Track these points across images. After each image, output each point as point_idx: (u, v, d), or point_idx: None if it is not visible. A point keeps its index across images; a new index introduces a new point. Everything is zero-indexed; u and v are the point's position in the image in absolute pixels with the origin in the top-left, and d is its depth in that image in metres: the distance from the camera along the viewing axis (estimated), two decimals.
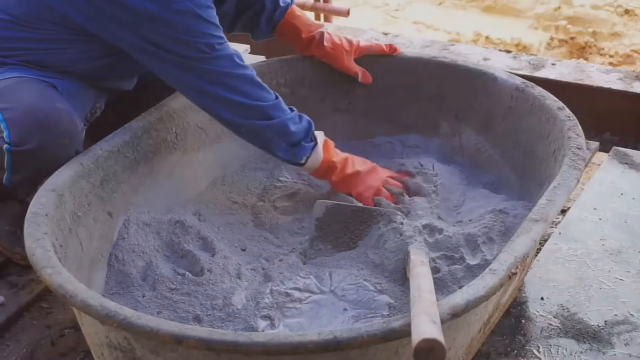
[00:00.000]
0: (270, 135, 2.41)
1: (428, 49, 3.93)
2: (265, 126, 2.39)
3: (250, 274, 2.29)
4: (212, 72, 2.30)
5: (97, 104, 2.52)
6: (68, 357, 2.23)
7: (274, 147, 2.44)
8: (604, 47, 5.68)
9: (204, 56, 2.27)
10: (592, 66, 3.86)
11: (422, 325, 1.57)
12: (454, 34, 6.02)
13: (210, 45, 2.28)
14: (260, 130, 2.40)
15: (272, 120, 2.39)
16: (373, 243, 2.34)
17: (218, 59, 2.30)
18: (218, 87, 2.32)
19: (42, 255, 1.87)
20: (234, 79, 2.34)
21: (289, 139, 2.43)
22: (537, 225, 1.99)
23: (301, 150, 2.46)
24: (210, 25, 2.29)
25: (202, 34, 2.26)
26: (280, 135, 2.42)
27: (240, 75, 2.35)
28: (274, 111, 2.40)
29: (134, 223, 2.38)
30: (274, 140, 2.42)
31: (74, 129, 2.30)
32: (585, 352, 2.19)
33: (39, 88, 2.29)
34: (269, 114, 2.39)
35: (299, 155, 2.46)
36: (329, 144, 2.55)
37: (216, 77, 2.31)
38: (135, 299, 2.19)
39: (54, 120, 2.24)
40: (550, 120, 2.51)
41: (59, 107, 2.27)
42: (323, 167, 2.53)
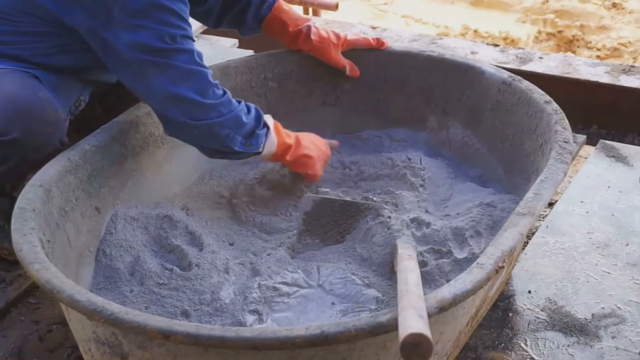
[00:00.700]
0: (225, 131, 2.34)
1: (416, 43, 3.94)
2: (220, 123, 2.32)
3: (238, 269, 2.29)
4: (169, 67, 2.24)
5: (81, 97, 2.51)
6: (56, 353, 2.23)
7: (231, 143, 2.37)
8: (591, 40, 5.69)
9: (163, 46, 2.21)
10: (579, 60, 3.88)
11: (409, 319, 1.57)
12: (443, 28, 6.03)
13: (172, 36, 2.22)
14: (216, 128, 2.33)
15: (225, 116, 2.33)
16: (361, 237, 2.34)
17: (177, 52, 2.24)
18: (174, 86, 2.25)
19: (29, 251, 1.87)
20: (191, 76, 2.27)
21: (244, 130, 2.38)
22: (525, 219, 1.99)
23: (257, 139, 2.42)
24: (176, 17, 2.24)
25: (166, 24, 2.21)
26: (235, 129, 2.36)
27: (197, 72, 2.29)
28: (226, 107, 2.34)
29: (121, 218, 2.38)
30: (230, 136, 2.36)
31: (58, 118, 2.29)
32: (572, 345, 2.20)
33: (21, 78, 2.28)
34: (221, 111, 2.33)
35: (255, 145, 2.42)
36: (279, 126, 2.51)
37: (173, 72, 2.25)
38: (123, 294, 2.19)
39: (37, 109, 2.24)
40: (537, 113, 2.51)
41: (42, 96, 2.26)
42: (279, 151, 2.51)
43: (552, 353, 2.18)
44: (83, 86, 2.51)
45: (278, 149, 2.49)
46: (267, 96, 2.88)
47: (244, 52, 3.49)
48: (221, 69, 2.72)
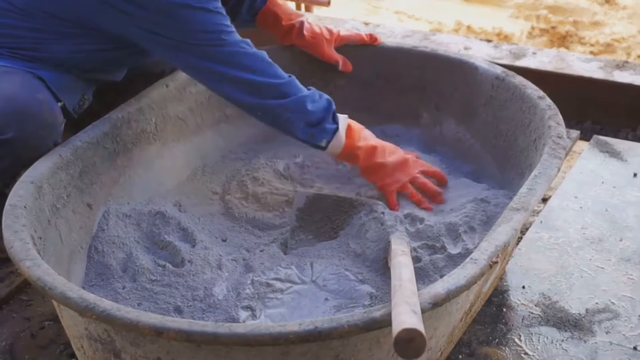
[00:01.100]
0: (287, 114, 2.35)
1: (409, 39, 3.93)
2: (281, 105, 2.33)
3: (231, 265, 2.29)
4: (222, 54, 2.29)
5: (85, 96, 2.51)
6: (48, 350, 2.22)
7: (292, 128, 2.37)
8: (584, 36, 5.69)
9: (214, 43, 2.27)
10: (572, 55, 3.87)
11: (403, 314, 1.57)
12: (436, 24, 6.02)
13: (218, 33, 2.28)
14: (277, 110, 2.34)
15: (288, 99, 2.34)
16: (354, 233, 2.34)
17: (229, 45, 2.29)
18: (230, 68, 2.30)
19: (20, 248, 1.86)
20: (247, 58, 2.31)
21: (307, 117, 2.36)
22: (518, 214, 1.99)
23: (321, 132, 2.39)
24: (217, 15, 2.29)
25: (210, 24, 2.26)
26: (297, 114, 2.35)
27: (252, 54, 2.33)
28: (289, 89, 2.35)
29: (113, 214, 2.37)
30: (291, 120, 2.35)
31: (54, 121, 2.29)
32: (566, 341, 2.20)
33: (21, 78, 2.28)
34: (284, 92, 2.34)
35: (318, 137, 2.39)
36: (354, 128, 2.47)
37: (227, 58, 2.29)
38: (115, 291, 2.18)
39: (34, 111, 2.23)
40: (530, 109, 2.51)
41: (40, 98, 2.26)
42: (344, 153, 2.46)
43: (546, 348, 2.18)
44: (88, 84, 2.51)
45: (344, 151, 2.45)
46: None
47: None
48: None
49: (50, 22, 2.32)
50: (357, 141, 2.46)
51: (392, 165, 2.51)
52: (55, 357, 2.19)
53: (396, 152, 2.55)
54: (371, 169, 2.51)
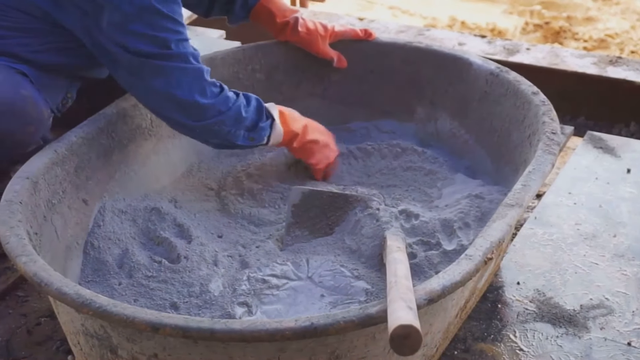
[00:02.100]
0: (226, 129, 2.36)
1: (403, 34, 3.94)
2: (220, 121, 2.34)
3: (227, 261, 2.29)
4: (164, 70, 2.24)
5: (68, 94, 2.50)
6: (44, 346, 2.22)
7: (233, 139, 2.39)
8: (578, 31, 5.69)
9: (158, 52, 2.22)
10: (566, 51, 3.88)
11: (398, 311, 1.58)
12: (430, 19, 6.02)
13: (165, 41, 2.22)
14: (216, 127, 2.34)
15: (224, 114, 2.34)
16: (350, 229, 2.34)
17: (172, 57, 2.24)
18: (170, 86, 2.25)
19: (16, 243, 1.86)
20: (186, 78, 2.27)
21: (245, 125, 2.39)
22: (513, 211, 2.00)
23: (260, 132, 2.44)
24: (170, 21, 2.23)
25: (160, 29, 2.21)
26: (235, 125, 2.37)
27: (193, 73, 2.28)
28: (224, 104, 2.34)
29: (109, 210, 2.37)
30: (232, 132, 2.37)
31: (40, 116, 2.28)
32: (561, 337, 2.21)
33: (5, 74, 2.26)
34: (219, 109, 2.33)
35: (259, 138, 2.44)
36: (285, 114, 2.52)
37: (168, 75, 2.25)
38: (111, 287, 2.18)
39: (18, 107, 2.23)
40: (524, 105, 2.52)
41: (24, 94, 2.25)
42: (286, 139, 2.52)
43: (541, 344, 2.18)
44: (70, 83, 2.50)
45: (285, 137, 2.51)
46: (255, 88, 2.87)
47: (231, 44, 3.48)
48: (208, 61, 2.71)
49: (20, 19, 2.29)
50: (291, 125, 2.53)
51: (322, 143, 2.63)
52: (52, 354, 2.19)
53: (323, 131, 2.66)
54: (305, 146, 2.59)
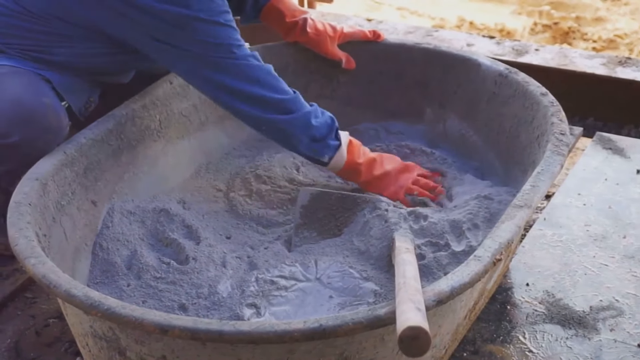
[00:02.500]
0: (291, 130, 2.37)
1: (412, 35, 3.93)
2: (287, 120, 2.36)
3: (235, 262, 2.29)
4: (232, 67, 2.29)
5: (91, 99, 2.51)
6: (53, 347, 2.23)
7: (296, 143, 2.40)
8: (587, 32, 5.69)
9: (223, 56, 2.28)
10: (575, 51, 3.87)
11: (407, 312, 1.57)
12: (438, 20, 6.02)
13: (228, 47, 2.28)
14: (282, 125, 2.36)
15: (293, 114, 2.36)
16: (358, 230, 2.34)
17: (238, 58, 2.30)
18: (239, 81, 2.31)
19: (25, 245, 1.86)
20: (255, 72, 2.32)
21: (311, 133, 2.39)
22: (522, 211, 1.99)
23: (324, 148, 2.42)
24: (228, 29, 2.29)
25: (221, 37, 2.27)
26: (301, 130, 2.38)
27: (260, 68, 2.34)
28: (294, 105, 2.37)
29: (118, 212, 2.37)
30: (296, 135, 2.38)
31: (59, 125, 2.29)
32: (570, 338, 2.20)
33: (29, 81, 2.28)
34: (289, 108, 2.36)
35: (321, 153, 2.43)
36: (354, 144, 2.51)
37: (237, 71, 2.30)
38: (120, 288, 2.18)
39: (39, 115, 2.24)
40: (533, 106, 2.51)
41: (46, 102, 2.27)
42: (346, 169, 2.50)
43: (551, 346, 2.18)
44: (94, 87, 2.51)
45: (345, 166, 2.49)
46: None
47: None
48: None
49: (60, 26, 2.32)
50: (358, 157, 2.51)
51: (395, 173, 2.57)
52: (61, 355, 2.19)
53: (394, 160, 2.62)
54: (374, 181, 2.55)
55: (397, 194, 2.54)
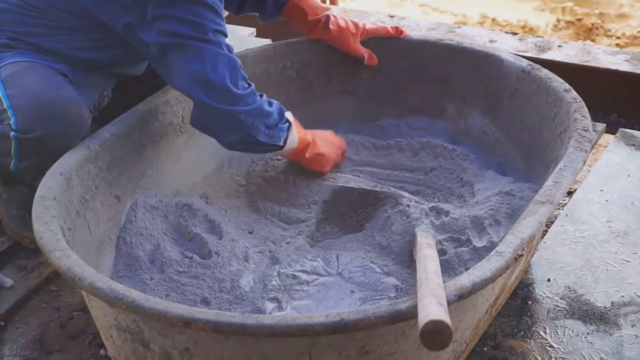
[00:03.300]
0: (250, 120, 2.35)
1: (434, 32, 3.93)
2: (246, 111, 2.33)
3: (257, 257, 2.30)
4: (200, 51, 2.25)
5: (104, 93, 2.53)
6: (77, 340, 2.24)
7: (255, 132, 2.37)
8: (610, 28, 5.66)
9: (196, 36, 2.24)
10: (598, 48, 3.85)
11: (429, 306, 1.58)
12: (460, 16, 6.01)
13: (203, 27, 2.24)
14: (242, 117, 2.33)
15: (251, 105, 2.34)
16: (380, 225, 2.35)
17: (208, 42, 2.26)
18: (206, 68, 2.26)
19: (50, 239, 1.88)
20: (224, 62, 2.29)
21: (267, 121, 2.39)
22: (544, 207, 1.99)
23: (279, 132, 2.44)
24: (210, 11, 2.26)
25: (199, 16, 2.23)
26: (259, 118, 2.37)
27: (229, 60, 2.31)
28: (251, 98, 2.36)
29: (141, 206, 2.39)
30: (254, 124, 2.36)
31: (81, 118, 2.31)
32: (592, 334, 2.20)
33: (47, 75, 2.30)
34: (247, 102, 2.34)
35: (278, 137, 2.44)
36: (298, 122, 2.54)
37: (207, 55, 2.26)
38: (143, 282, 2.20)
39: (61, 109, 2.25)
40: (556, 102, 2.51)
41: (66, 95, 2.28)
42: (300, 147, 2.53)
43: (572, 341, 2.18)
44: (106, 81, 2.53)
45: (299, 144, 2.52)
46: (286, 85, 2.88)
47: (261, 41, 3.49)
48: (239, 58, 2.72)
49: (62, 18, 2.33)
50: (304, 134, 2.55)
51: (328, 150, 2.66)
52: (85, 347, 2.21)
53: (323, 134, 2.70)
54: (316, 157, 2.63)
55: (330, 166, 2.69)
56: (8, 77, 2.27)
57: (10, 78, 2.27)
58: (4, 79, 2.27)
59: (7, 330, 2.28)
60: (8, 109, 2.23)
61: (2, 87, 2.26)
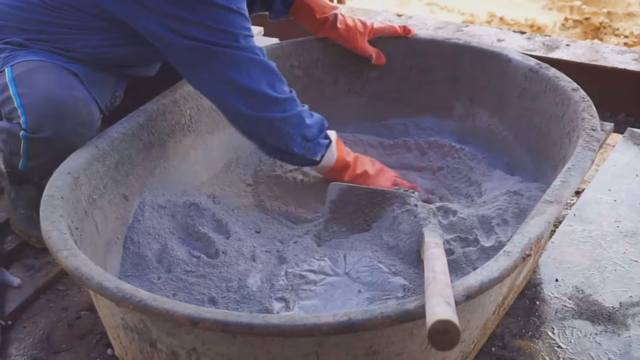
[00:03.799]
0: (286, 128, 2.34)
1: (442, 31, 3.93)
2: (282, 118, 2.33)
3: (265, 256, 2.30)
4: (235, 58, 2.25)
5: (116, 93, 2.53)
6: (85, 339, 2.25)
7: (290, 142, 2.36)
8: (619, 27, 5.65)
9: (228, 44, 2.24)
10: (606, 47, 3.84)
11: (436, 306, 1.57)
12: (468, 15, 6.01)
13: (235, 35, 2.24)
14: (277, 123, 2.33)
15: (289, 113, 2.34)
16: (387, 225, 2.34)
17: (242, 49, 2.26)
18: (239, 73, 2.26)
19: (58, 238, 1.88)
20: (257, 67, 2.29)
21: (305, 132, 2.38)
22: (552, 207, 1.99)
23: (316, 146, 2.42)
24: (239, 16, 2.26)
25: (229, 24, 2.23)
26: (296, 128, 2.36)
27: (263, 64, 2.30)
28: (290, 104, 2.35)
29: (149, 205, 2.39)
30: (290, 134, 2.35)
31: (91, 118, 2.31)
32: (600, 334, 2.20)
33: (58, 74, 2.30)
34: (285, 107, 2.33)
35: (314, 152, 2.42)
36: (341, 142, 2.53)
37: (239, 62, 2.26)
38: (150, 281, 2.20)
39: (71, 109, 2.25)
40: (564, 101, 2.50)
41: (77, 96, 2.28)
42: (337, 167, 2.51)
43: (580, 341, 2.17)
44: (118, 81, 2.52)
45: (336, 164, 2.50)
46: (293, 84, 2.86)
47: (269, 40, 3.49)
48: None
49: (81, 18, 2.33)
50: (346, 155, 2.52)
51: (375, 174, 2.58)
52: (92, 347, 2.21)
53: (375, 162, 2.63)
54: (357, 180, 2.55)
55: None
56: (19, 75, 2.28)
57: (21, 77, 2.27)
58: (15, 77, 2.27)
59: (14, 330, 2.28)
60: (18, 108, 2.24)
61: (13, 86, 2.26)
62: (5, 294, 2.37)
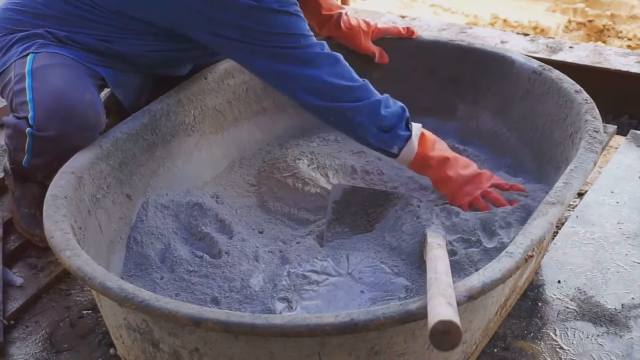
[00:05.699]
0: (360, 118, 2.32)
1: (445, 32, 3.93)
2: (354, 108, 2.31)
3: (267, 257, 2.30)
4: (301, 56, 2.28)
5: (142, 93, 2.55)
6: (87, 339, 2.25)
7: (364, 132, 2.33)
8: (622, 30, 5.64)
9: (291, 45, 2.28)
10: (610, 49, 3.85)
11: (438, 307, 1.58)
12: (472, 17, 6.00)
13: (297, 37, 2.28)
14: (349, 114, 2.31)
15: (361, 102, 2.31)
16: (390, 226, 2.34)
17: (306, 47, 2.30)
18: (306, 70, 2.29)
19: (61, 238, 1.88)
20: (323, 60, 2.31)
21: (380, 122, 2.33)
22: (554, 209, 1.99)
23: (394, 138, 2.35)
24: (297, 18, 2.30)
25: (289, 27, 2.27)
26: (369, 118, 2.32)
27: (328, 56, 2.33)
28: (363, 93, 2.33)
29: (152, 205, 2.39)
30: (364, 124, 2.32)
31: (97, 122, 2.31)
32: (602, 336, 2.20)
33: (75, 75, 2.30)
34: (357, 96, 2.32)
35: (390, 143, 2.36)
36: (427, 137, 2.42)
37: (305, 59, 2.29)
38: (153, 281, 2.20)
39: (79, 112, 2.25)
40: (567, 103, 2.51)
41: (87, 99, 2.28)
42: (417, 161, 2.41)
43: (582, 343, 2.17)
44: (145, 81, 2.54)
45: (416, 159, 2.40)
46: None
47: None
48: None
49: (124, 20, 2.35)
50: (429, 150, 2.41)
51: (463, 179, 2.43)
52: (94, 346, 2.21)
53: (470, 166, 2.48)
54: (442, 180, 2.45)
55: (461, 200, 2.43)
56: (38, 68, 2.29)
57: (39, 70, 2.28)
58: (33, 70, 2.28)
59: (17, 329, 2.28)
60: (29, 102, 2.24)
61: (30, 78, 2.27)
62: (8, 293, 2.37)
